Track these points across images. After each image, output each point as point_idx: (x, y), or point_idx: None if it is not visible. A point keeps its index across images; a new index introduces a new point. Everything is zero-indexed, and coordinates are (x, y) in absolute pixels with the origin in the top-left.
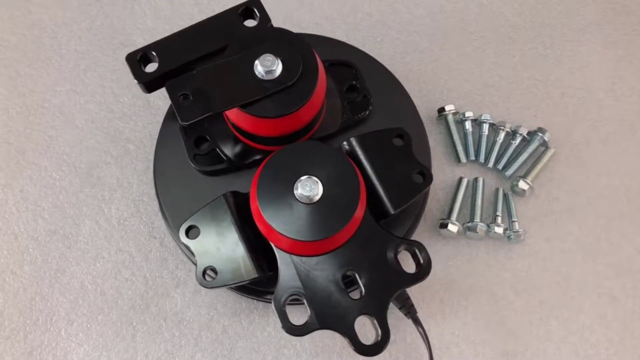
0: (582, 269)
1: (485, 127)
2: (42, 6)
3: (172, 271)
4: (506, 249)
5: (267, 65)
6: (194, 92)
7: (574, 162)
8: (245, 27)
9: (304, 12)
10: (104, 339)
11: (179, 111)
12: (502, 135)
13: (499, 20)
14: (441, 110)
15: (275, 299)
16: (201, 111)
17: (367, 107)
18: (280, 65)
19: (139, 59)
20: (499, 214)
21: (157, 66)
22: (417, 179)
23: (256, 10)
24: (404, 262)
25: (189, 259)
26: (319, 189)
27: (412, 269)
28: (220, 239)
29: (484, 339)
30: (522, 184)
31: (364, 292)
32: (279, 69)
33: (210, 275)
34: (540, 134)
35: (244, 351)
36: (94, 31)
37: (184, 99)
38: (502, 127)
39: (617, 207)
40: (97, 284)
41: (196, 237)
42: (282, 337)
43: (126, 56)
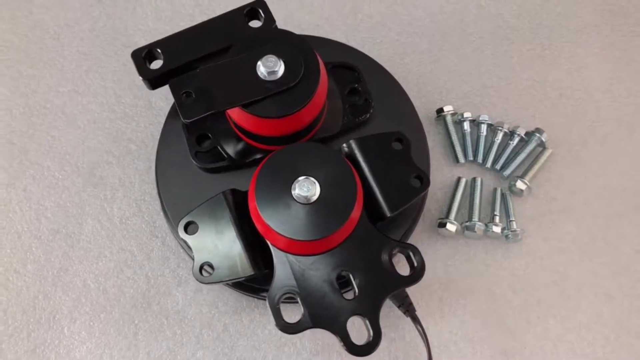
0: (579, 268)
1: (483, 128)
2: (44, 7)
3: (174, 270)
4: (504, 248)
5: (269, 66)
6: (196, 90)
7: (571, 163)
8: (249, 27)
9: (304, 13)
10: (107, 337)
11: (181, 109)
12: (500, 135)
13: (497, 21)
14: (440, 111)
15: (269, 296)
16: (203, 109)
17: (368, 110)
18: (282, 66)
19: (144, 55)
20: (497, 213)
21: (162, 63)
22: (414, 183)
23: (261, 11)
24: (399, 264)
25: (190, 258)
26: (316, 190)
27: (407, 272)
28: (218, 236)
29: (482, 337)
30: (519, 184)
31: (357, 292)
32: (281, 70)
33: (207, 270)
34: (538, 135)
35: (245, 349)
36: (96, 32)
37: (187, 97)
38: (500, 128)
39: (614, 207)
40: (100, 282)
41: (194, 232)
42: (283, 336)
43: (132, 53)
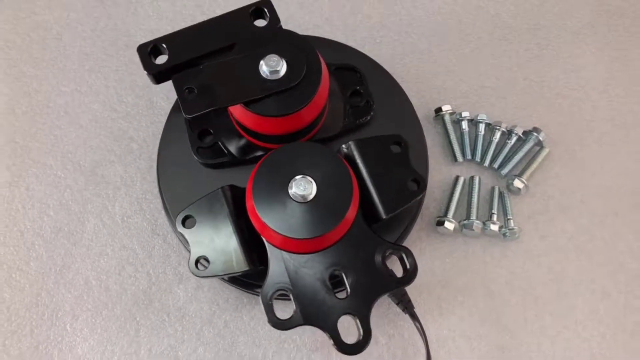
0: (575, 266)
1: (481, 127)
2: (46, 8)
3: (175, 267)
4: (502, 246)
5: (272, 65)
6: (199, 86)
7: (568, 162)
8: (254, 26)
9: (304, 14)
10: (108, 334)
11: (183, 104)
12: (498, 134)
13: (495, 22)
14: (438, 110)
15: (263, 292)
16: (205, 105)
17: (369, 113)
18: (285, 66)
19: (149, 50)
20: (495, 211)
21: (167, 59)
22: (411, 186)
23: (267, 10)
24: (395, 265)
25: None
26: (313, 189)
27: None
28: (215, 230)
29: (479, 334)
30: (517, 183)
31: (349, 292)
32: (284, 70)
33: (203, 264)
34: (535, 134)
35: (245, 345)
36: (98, 32)
37: (189, 92)
38: (498, 127)
39: (611, 206)
40: (102, 280)
41: (192, 226)
42: (283, 332)
43: (138, 47)
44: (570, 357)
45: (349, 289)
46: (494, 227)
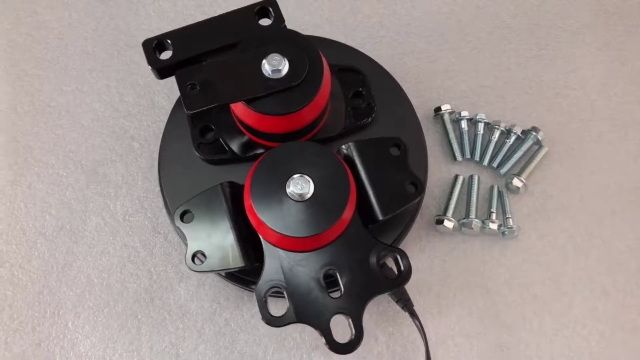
0: (574, 264)
1: (480, 126)
2: (48, 7)
3: (176, 265)
4: (501, 245)
5: (274, 64)
6: (201, 82)
7: (567, 161)
8: (259, 25)
9: (304, 14)
10: (110, 331)
11: (185, 100)
12: (497, 134)
13: (495, 22)
14: (438, 109)
15: (257, 289)
16: (206, 102)
17: (370, 115)
18: (287, 65)
19: (154, 46)
20: (494, 210)
21: (171, 54)
22: (409, 189)
23: (272, 10)
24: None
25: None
26: (310, 188)
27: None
28: (212, 226)
29: (478, 332)
30: (516, 182)
31: (343, 291)
32: (286, 69)
33: (200, 259)
34: (534, 133)
35: (246, 343)
36: (100, 32)
37: (191, 88)
38: (497, 126)
39: (609, 204)
40: (103, 277)
41: (190, 221)
42: (284, 330)
43: (143, 42)
44: (569, 355)
45: (342, 289)
46: (493, 226)
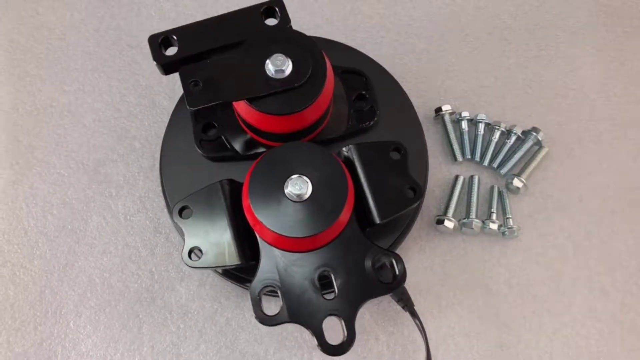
0: (574, 264)
1: (481, 127)
2: (50, 8)
3: (177, 265)
4: (501, 245)
5: (277, 64)
6: (205, 80)
7: (566, 161)
8: (265, 25)
9: (305, 14)
10: (111, 331)
11: (188, 96)
12: (497, 134)
13: (494, 22)
14: (438, 110)
15: (252, 287)
16: (208, 99)
17: (373, 118)
18: (290, 65)
19: (160, 41)
20: (494, 210)
21: (177, 50)
22: (408, 193)
23: (278, 10)
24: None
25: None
26: (308, 189)
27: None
28: (210, 223)
29: (478, 331)
30: (516, 182)
31: (337, 293)
32: (289, 70)
33: (197, 255)
34: (534, 133)
35: (247, 342)
36: (101, 32)
37: (195, 85)
38: (497, 127)
39: (609, 204)
40: (105, 277)
41: (188, 217)
42: (284, 329)
43: (149, 37)
44: (568, 354)
45: (337, 291)
46: (493, 226)
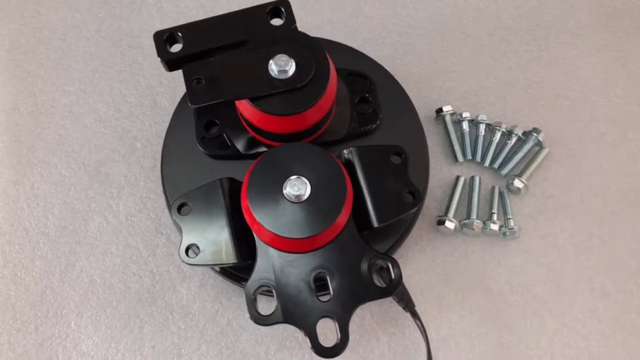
0: (574, 264)
1: (481, 127)
2: (51, 8)
3: (178, 266)
4: (501, 245)
5: (280, 65)
6: (207, 78)
7: (567, 162)
8: (270, 25)
9: (306, 15)
10: (113, 331)
11: (190, 94)
12: (498, 135)
13: (495, 23)
14: (439, 110)
15: (247, 286)
16: (210, 97)
17: (375, 121)
18: (293, 66)
19: (165, 38)
20: (495, 211)
21: (181, 47)
22: (407, 198)
23: (284, 10)
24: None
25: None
26: (307, 190)
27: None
28: (208, 220)
29: (479, 332)
30: (517, 183)
31: (332, 295)
32: (292, 70)
33: (194, 251)
34: (535, 134)
35: (248, 343)
36: (102, 33)
37: (197, 83)
38: (498, 128)
39: (609, 205)
40: (106, 278)
41: (187, 214)
42: (285, 330)
43: (154, 34)
44: (569, 355)
45: (332, 293)
46: (494, 227)
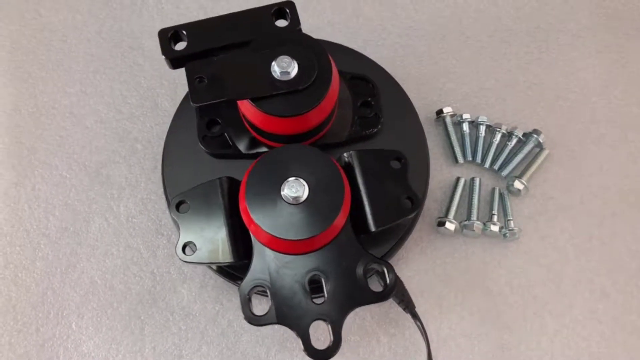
0: (574, 265)
1: (482, 129)
2: (52, 10)
3: (179, 267)
4: (502, 247)
5: (283, 66)
6: (210, 77)
7: (567, 163)
8: (275, 26)
9: (307, 16)
10: (113, 332)
11: (192, 92)
12: (498, 136)
13: (495, 25)
14: (439, 112)
15: (241, 286)
16: (212, 96)
17: (376, 125)
18: (296, 68)
19: (170, 36)
20: (495, 212)
21: (185, 45)
22: (405, 203)
23: (289, 12)
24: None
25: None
26: (305, 192)
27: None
28: (206, 219)
29: (480, 333)
30: (517, 184)
31: (326, 298)
32: (294, 72)
33: (192, 249)
34: (535, 136)
35: (249, 344)
36: (103, 34)
37: (200, 82)
38: (498, 129)
39: (609, 206)
40: (107, 279)
41: (185, 212)
42: (286, 331)
43: (159, 31)
44: (569, 356)
45: (326, 295)
46: (494, 228)
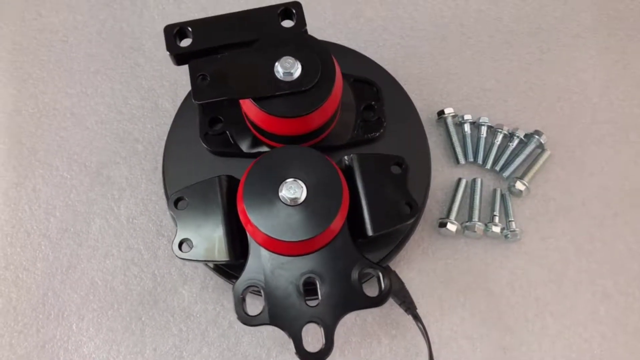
0: (576, 267)
1: (483, 130)
2: (53, 10)
3: (180, 268)
4: (503, 248)
5: (286, 67)
6: (213, 75)
7: (569, 164)
8: (280, 26)
9: (308, 17)
10: (114, 334)
11: (194, 90)
12: (499, 137)
13: (496, 25)
14: (441, 113)
15: (236, 285)
16: (214, 94)
17: (379, 129)
18: (299, 69)
19: (175, 32)
20: (497, 213)
21: (191, 42)
22: (404, 209)
23: (295, 12)
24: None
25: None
26: (303, 194)
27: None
28: (204, 216)
29: (481, 334)
30: (519, 185)
31: (320, 300)
32: (298, 73)
33: (189, 245)
34: (536, 137)
35: (250, 345)
36: (104, 35)
37: (202, 79)
38: (499, 130)
39: (611, 207)
40: (107, 280)
41: (183, 208)
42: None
43: (164, 27)
44: (570, 357)
45: (320, 298)
46: (496, 229)
